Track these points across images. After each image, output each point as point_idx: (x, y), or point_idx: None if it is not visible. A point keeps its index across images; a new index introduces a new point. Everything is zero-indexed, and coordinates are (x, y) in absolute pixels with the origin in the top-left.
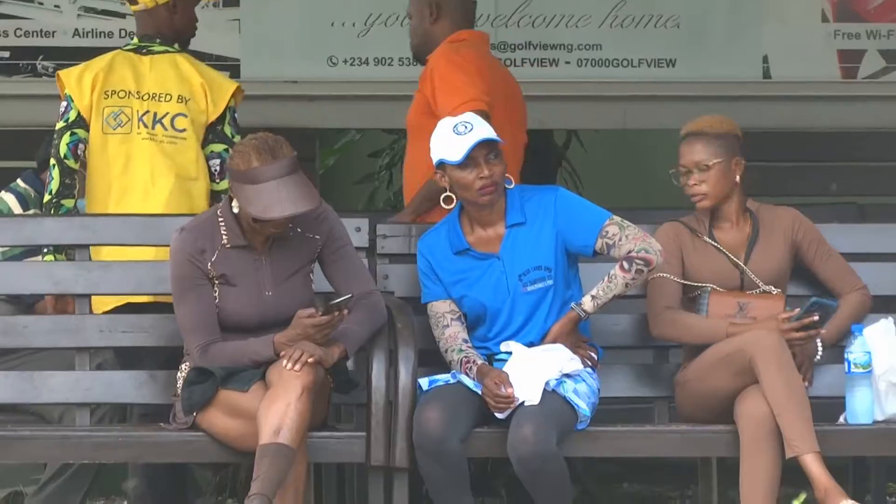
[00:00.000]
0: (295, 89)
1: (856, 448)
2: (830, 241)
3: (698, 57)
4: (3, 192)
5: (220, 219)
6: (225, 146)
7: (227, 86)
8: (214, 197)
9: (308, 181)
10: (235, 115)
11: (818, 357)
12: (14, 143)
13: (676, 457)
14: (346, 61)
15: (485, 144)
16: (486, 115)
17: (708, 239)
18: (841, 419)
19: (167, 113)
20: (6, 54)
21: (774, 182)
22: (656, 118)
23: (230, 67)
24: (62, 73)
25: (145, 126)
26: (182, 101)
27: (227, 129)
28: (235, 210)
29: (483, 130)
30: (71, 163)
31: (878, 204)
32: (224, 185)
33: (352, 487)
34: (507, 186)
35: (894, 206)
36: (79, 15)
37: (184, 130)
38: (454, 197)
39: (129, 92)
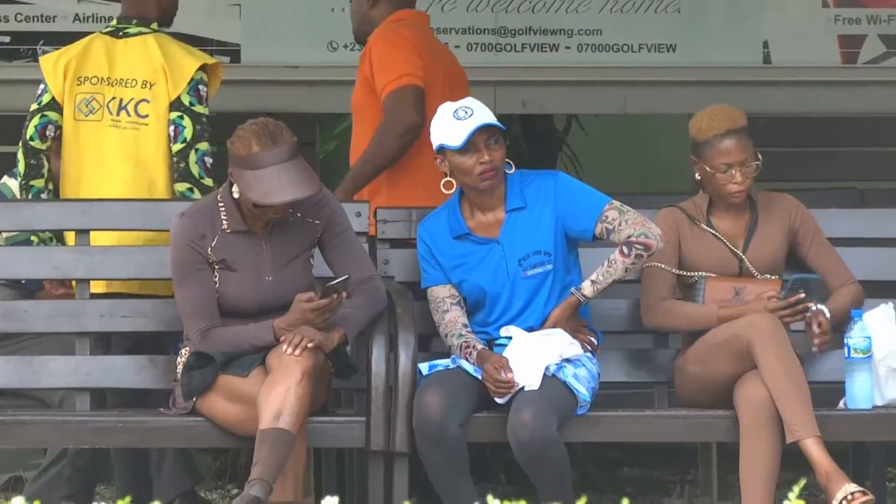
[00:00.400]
0: (295, 74)
1: (855, 433)
2: (830, 227)
3: (698, 42)
4: (6, 177)
5: (221, 204)
6: (179, 113)
7: (190, 64)
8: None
9: (308, 166)
10: (199, 86)
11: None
12: (15, 128)
13: (676, 441)
14: (346, 46)
15: (485, 129)
16: (419, 92)
17: (706, 227)
18: (840, 404)
19: (132, 99)
20: (7, 39)
21: (774, 167)
22: (656, 103)
23: (230, 53)
24: (42, 58)
25: (110, 113)
26: (146, 87)
27: (185, 98)
28: (236, 195)
29: (483, 115)
30: (37, 143)
31: (878, 189)
32: (178, 146)
33: (352, 472)
34: (507, 171)
35: (894, 191)
36: (79, 0)
37: (146, 116)
38: (454, 182)
39: (101, 78)
